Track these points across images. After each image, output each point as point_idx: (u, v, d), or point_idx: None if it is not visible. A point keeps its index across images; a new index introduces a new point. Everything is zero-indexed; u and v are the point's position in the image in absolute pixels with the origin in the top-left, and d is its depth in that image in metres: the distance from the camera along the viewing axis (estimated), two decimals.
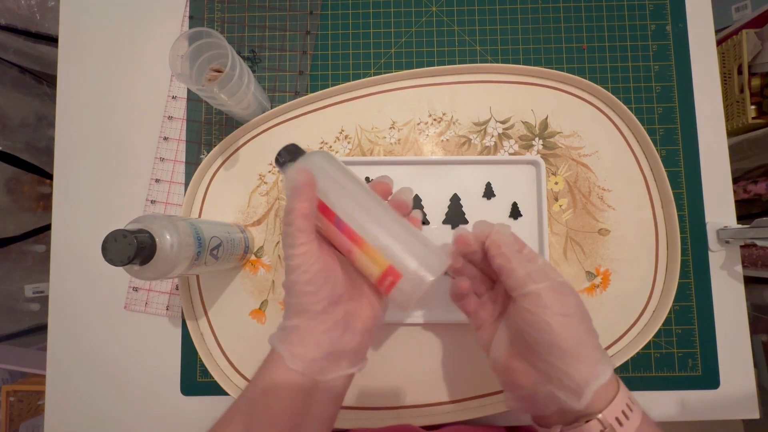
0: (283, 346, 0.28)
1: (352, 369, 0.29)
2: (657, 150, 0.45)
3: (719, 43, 1.02)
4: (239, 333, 0.45)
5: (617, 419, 0.25)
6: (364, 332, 0.30)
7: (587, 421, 0.26)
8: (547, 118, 0.47)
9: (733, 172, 0.47)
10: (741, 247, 0.45)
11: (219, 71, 0.43)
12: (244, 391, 0.29)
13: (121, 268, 0.29)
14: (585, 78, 0.46)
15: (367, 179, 0.45)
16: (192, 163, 0.48)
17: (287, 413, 0.27)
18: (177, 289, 0.46)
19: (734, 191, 0.46)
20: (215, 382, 0.44)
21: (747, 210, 1.02)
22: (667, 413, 0.44)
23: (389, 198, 0.35)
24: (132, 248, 0.28)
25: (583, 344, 0.27)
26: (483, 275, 0.36)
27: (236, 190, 0.47)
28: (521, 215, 0.45)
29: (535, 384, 0.29)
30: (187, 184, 0.47)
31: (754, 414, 0.43)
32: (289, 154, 0.32)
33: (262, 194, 0.47)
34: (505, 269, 0.30)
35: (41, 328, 0.99)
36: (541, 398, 0.28)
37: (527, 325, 0.28)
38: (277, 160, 0.33)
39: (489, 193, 0.45)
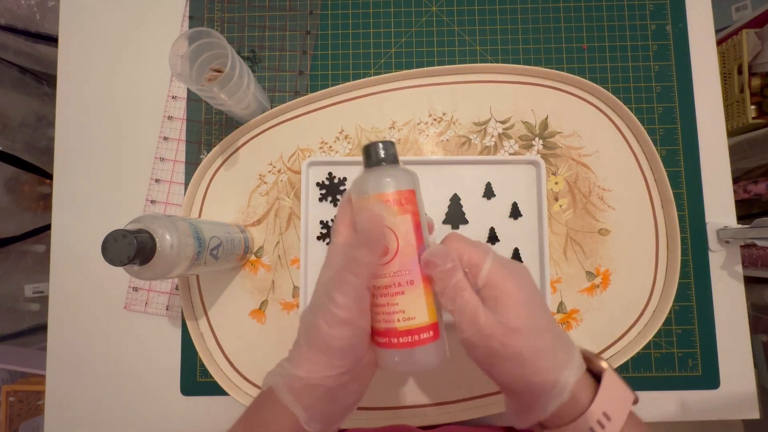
0: (300, 407, 0.25)
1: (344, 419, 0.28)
2: (657, 150, 0.45)
3: (719, 43, 1.02)
4: (239, 333, 0.45)
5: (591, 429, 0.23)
6: (363, 387, 0.28)
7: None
8: (547, 118, 0.47)
9: (733, 172, 0.47)
10: (741, 247, 0.46)
11: (219, 71, 0.43)
12: None
13: (121, 268, 0.29)
14: (585, 78, 0.46)
15: None
16: (192, 163, 0.48)
17: None
18: (177, 289, 0.46)
19: (734, 191, 0.46)
20: (215, 382, 0.44)
21: (747, 210, 1.02)
22: (667, 413, 0.44)
23: None
24: (132, 248, 0.28)
25: (542, 353, 0.24)
26: None
27: (236, 190, 0.47)
28: (521, 215, 0.45)
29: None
30: (187, 184, 0.47)
31: (754, 414, 0.43)
32: (385, 156, 0.27)
33: (262, 194, 0.47)
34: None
35: (41, 328, 0.99)
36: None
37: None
38: (368, 154, 0.28)
39: (489, 193, 0.45)
